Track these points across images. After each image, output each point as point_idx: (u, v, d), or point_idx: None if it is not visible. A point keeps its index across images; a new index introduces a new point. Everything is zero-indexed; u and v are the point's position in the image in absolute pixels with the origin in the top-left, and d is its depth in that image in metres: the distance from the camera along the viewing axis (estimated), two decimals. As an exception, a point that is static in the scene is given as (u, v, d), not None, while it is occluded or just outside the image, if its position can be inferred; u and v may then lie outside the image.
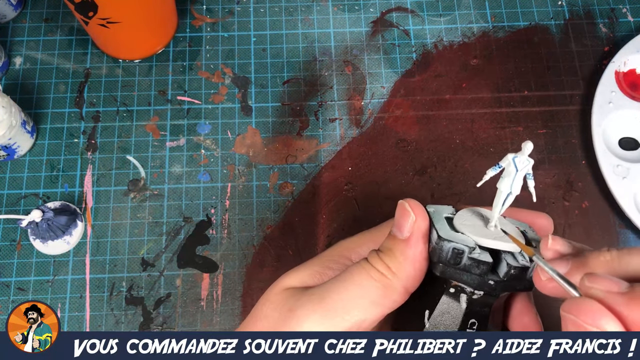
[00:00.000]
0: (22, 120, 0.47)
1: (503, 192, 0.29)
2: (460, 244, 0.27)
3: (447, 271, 0.27)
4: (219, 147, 0.51)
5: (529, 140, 0.29)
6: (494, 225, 0.29)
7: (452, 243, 0.27)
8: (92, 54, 0.54)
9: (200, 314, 0.46)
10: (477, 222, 0.29)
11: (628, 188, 0.48)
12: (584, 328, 0.21)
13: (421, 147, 0.51)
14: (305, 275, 0.29)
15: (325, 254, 0.31)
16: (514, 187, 0.29)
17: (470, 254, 0.27)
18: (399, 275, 0.27)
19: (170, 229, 0.48)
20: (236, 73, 0.53)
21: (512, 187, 0.29)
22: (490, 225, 0.29)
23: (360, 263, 0.28)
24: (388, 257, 0.27)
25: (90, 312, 0.45)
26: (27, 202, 0.49)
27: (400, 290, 0.27)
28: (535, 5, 0.57)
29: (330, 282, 0.28)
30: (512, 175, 0.29)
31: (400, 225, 0.27)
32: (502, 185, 0.29)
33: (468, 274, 0.27)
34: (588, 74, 0.54)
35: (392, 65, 0.54)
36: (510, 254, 0.28)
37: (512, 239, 0.28)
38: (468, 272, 0.27)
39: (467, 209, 0.30)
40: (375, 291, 0.26)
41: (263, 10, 0.56)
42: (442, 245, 0.27)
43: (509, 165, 0.29)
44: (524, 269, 0.27)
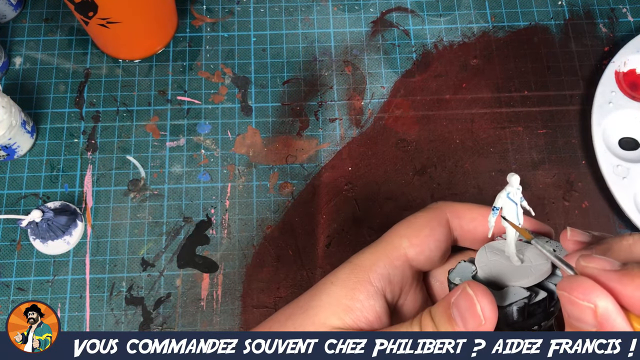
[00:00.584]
0: (22, 120, 0.47)
1: (513, 230, 0.29)
2: (519, 299, 0.26)
3: (517, 327, 0.27)
4: (219, 147, 0.51)
5: (513, 173, 0.29)
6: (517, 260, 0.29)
7: (512, 306, 0.26)
8: (92, 54, 0.54)
9: (200, 314, 0.46)
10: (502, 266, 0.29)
11: (628, 188, 0.48)
12: (577, 305, 0.22)
13: (421, 147, 0.51)
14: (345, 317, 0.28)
15: (343, 277, 0.30)
16: (520, 219, 0.29)
17: (530, 302, 0.27)
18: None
19: (170, 229, 0.48)
20: (236, 73, 0.53)
21: (519, 220, 0.29)
22: (515, 262, 0.29)
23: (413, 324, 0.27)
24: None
25: (90, 312, 0.45)
26: (27, 202, 0.49)
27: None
28: (535, 5, 0.57)
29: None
30: (514, 210, 0.29)
31: (465, 319, 0.25)
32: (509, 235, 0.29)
33: (534, 318, 0.27)
34: (588, 74, 0.54)
35: (392, 65, 0.54)
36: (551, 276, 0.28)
37: (511, 224, 0.28)
38: (534, 315, 0.27)
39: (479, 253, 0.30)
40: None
41: (263, 10, 0.56)
42: (506, 311, 0.26)
43: (506, 203, 0.29)
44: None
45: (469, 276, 0.29)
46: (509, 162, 0.50)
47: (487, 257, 0.30)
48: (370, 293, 0.29)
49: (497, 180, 0.49)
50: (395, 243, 0.31)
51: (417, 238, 0.31)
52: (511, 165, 0.50)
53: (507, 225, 0.29)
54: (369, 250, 0.31)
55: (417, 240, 0.31)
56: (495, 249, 0.30)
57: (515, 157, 0.51)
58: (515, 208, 0.29)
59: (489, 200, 0.49)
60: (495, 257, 0.29)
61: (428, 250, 0.31)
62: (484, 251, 0.30)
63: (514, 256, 0.29)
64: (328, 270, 0.47)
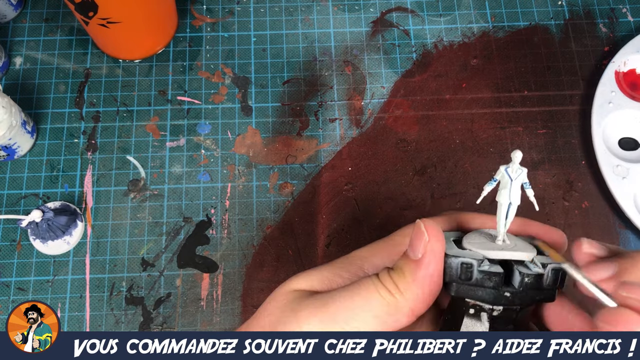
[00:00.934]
0: (22, 121, 0.47)
1: (503, 205, 0.29)
2: (468, 258, 0.27)
3: (461, 289, 0.27)
4: (219, 147, 0.51)
5: (517, 149, 0.29)
6: (502, 240, 0.29)
7: (459, 258, 0.27)
8: (92, 54, 0.54)
9: (200, 313, 0.46)
10: (485, 240, 0.29)
11: (628, 188, 0.48)
12: None
13: (421, 147, 0.51)
14: (314, 280, 0.29)
15: (338, 261, 0.31)
16: (512, 198, 0.29)
17: (480, 267, 0.27)
18: (406, 295, 0.26)
19: (170, 229, 0.48)
20: (236, 73, 0.54)
21: (510, 198, 0.29)
22: (498, 240, 0.29)
23: (371, 277, 0.27)
24: (398, 276, 0.26)
25: (90, 312, 0.45)
26: (27, 202, 0.49)
27: (406, 312, 0.26)
28: (535, 5, 0.57)
29: (337, 291, 0.27)
30: (508, 186, 0.29)
31: (414, 246, 0.27)
32: (501, 197, 0.29)
33: (482, 289, 0.27)
34: (588, 74, 0.54)
35: (392, 65, 0.54)
36: (522, 264, 0.27)
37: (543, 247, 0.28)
38: (481, 286, 0.27)
39: (475, 231, 0.30)
40: (380, 307, 0.26)
41: (263, 10, 0.56)
42: (450, 262, 0.27)
43: (503, 177, 0.29)
44: (539, 276, 0.26)
45: (450, 238, 0.29)
46: (509, 162, 0.50)
47: (477, 235, 0.30)
48: (357, 276, 0.29)
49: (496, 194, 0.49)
50: (397, 240, 0.31)
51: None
52: (511, 165, 0.50)
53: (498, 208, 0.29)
54: (370, 244, 0.31)
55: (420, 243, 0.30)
56: (490, 232, 0.30)
57: (515, 157, 0.51)
58: (509, 184, 0.29)
59: (488, 199, 0.49)
60: (485, 237, 0.30)
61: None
62: (480, 231, 0.30)
63: (500, 235, 0.29)
64: (328, 270, 0.47)
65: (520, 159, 0.29)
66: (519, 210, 0.29)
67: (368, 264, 0.30)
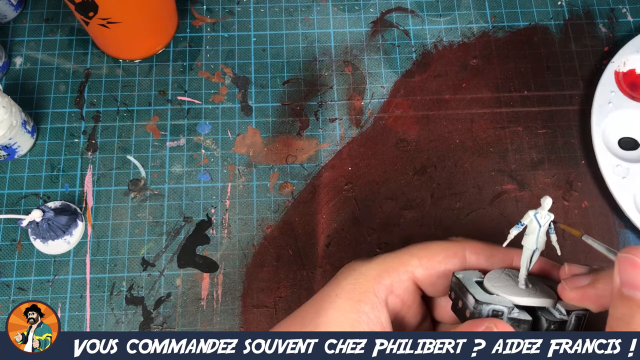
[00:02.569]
0: (23, 120, 0.47)
1: (529, 249, 0.29)
2: (499, 305, 0.27)
3: None
4: (219, 147, 0.51)
5: (547, 196, 0.30)
6: (524, 284, 0.29)
7: (490, 305, 0.27)
8: (93, 54, 0.54)
9: (200, 313, 0.46)
10: (508, 283, 0.29)
11: (628, 188, 0.48)
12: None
13: (421, 147, 0.51)
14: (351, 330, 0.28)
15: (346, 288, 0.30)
16: (539, 243, 0.29)
17: (510, 314, 0.27)
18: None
19: (170, 229, 0.48)
20: (236, 73, 0.54)
21: (537, 244, 0.29)
22: (521, 284, 0.29)
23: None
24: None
25: (90, 312, 0.45)
26: (28, 202, 0.49)
27: None
28: (535, 5, 0.57)
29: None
30: (535, 232, 0.29)
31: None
32: (527, 242, 0.30)
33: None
34: (588, 74, 0.54)
35: (392, 65, 0.54)
36: (546, 310, 0.28)
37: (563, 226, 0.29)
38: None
39: (494, 270, 0.31)
40: None
41: (263, 10, 0.56)
42: (481, 309, 0.27)
43: (531, 222, 0.30)
44: (562, 323, 0.27)
45: (473, 279, 0.29)
46: (508, 162, 0.51)
47: (498, 274, 0.30)
48: (374, 304, 0.29)
49: (496, 180, 0.50)
50: (404, 259, 0.30)
51: (429, 261, 0.30)
52: (511, 165, 0.50)
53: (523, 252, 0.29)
54: (376, 260, 0.31)
55: (428, 263, 0.30)
56: (509, 272, 0.31)
57: (515, 157, 0.51)
58: (537, 229, 0.29)
59: (488, 199, 0.49)
60: (506, 279, 0.30)
61: (436, 276, 0.30)
62: (499, 271, 0.31)
63: (522, 278, 0.29)
64: (328, 270, 0.47)
65: (550, 206, 0.29)
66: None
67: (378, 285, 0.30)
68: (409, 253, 0.31)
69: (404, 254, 0.31)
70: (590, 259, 0.47)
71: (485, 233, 0.48)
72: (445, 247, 0.31)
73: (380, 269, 0.30)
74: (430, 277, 0.30)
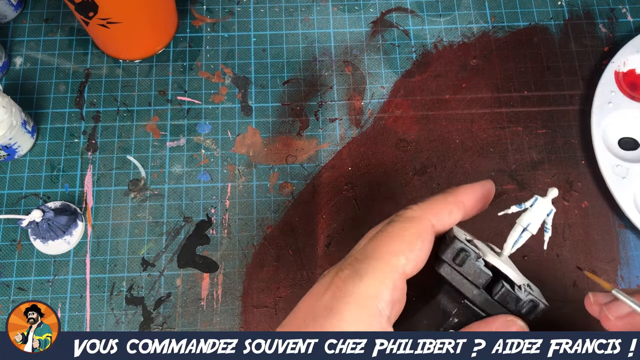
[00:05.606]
0: (23, 120, 0.47)
1: (520, 226, 0.30)
2: (470, 248, 0.28)
3: (447, 270, 0.28)
4: (219, 147, 0.51)
5: (555, 188, 0.31)
6: (506, 257, 0.30)
7: (462, 244, 0.28)
8: (93, 54, 0.54)
9: (200, 313, 0.46)
10: (489, 250, 0.31)
11: (628, 188, 0.48)
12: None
13: (421, 147, 0.51)
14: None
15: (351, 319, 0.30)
16: (531, 226, 0.30)
17: (475, 261, 0.28)
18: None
19: (170, 229, 0.48)
20: (236, 73, 0.54)
21: (530, 225, 0.30)
22: (503, 255, 0.30)
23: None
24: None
25: (90, 312, 0.45)
26: (28, 202, 0.49)
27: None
28: (534, 5, 0.57)
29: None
30: (532, 213, 0.30)
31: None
32: (522, 220, 0.31)
33: (464, 280, 0.28)
34: (588, 74, 0.54)
35: (392, 65, 0.54)
36: (510, 283, 0.28)
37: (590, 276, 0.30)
38: (465, 278, 0.28)
39: (483, 242, 0.32)
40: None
41: (263, 10, 0.56)
42: (454, 243, 0.28)
43: (531, 204, 0.31)
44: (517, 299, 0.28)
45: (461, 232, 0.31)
46: (508, 162, 0.51)
47: (483, 244, 0.32)
48: (383, 326, 0.28)
49: (496, 180, 0.50)
50: (393, 262, 0.29)
51: (412, 253, 0.30)
52: (511, 166, 0.50)
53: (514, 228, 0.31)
54: (369, 275, 0.29)
55: (412, 255, 0.30)
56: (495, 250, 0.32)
57: (515, 157, 0.51)
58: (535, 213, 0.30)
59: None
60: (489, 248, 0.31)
61: (421, 262, 0.30)
62: (486, 243, 0.32)
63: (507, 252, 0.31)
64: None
65: (555, 197, 0.30)
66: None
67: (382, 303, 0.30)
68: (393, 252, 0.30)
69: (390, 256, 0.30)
70: (591, 259, 0.47)
71: (485, 233, 0.48)
72: (418, 229, 0.31)
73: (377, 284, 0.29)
74: (417, 266, 0.30)
